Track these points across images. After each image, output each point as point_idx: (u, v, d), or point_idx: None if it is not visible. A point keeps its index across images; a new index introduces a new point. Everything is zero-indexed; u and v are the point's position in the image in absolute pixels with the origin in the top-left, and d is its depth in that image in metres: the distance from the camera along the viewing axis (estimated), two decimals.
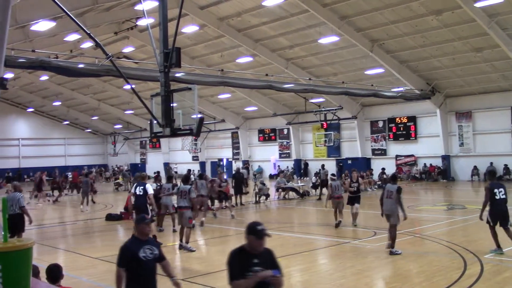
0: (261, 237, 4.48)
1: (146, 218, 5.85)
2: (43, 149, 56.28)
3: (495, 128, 31.60)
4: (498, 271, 9.27)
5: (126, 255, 5.44)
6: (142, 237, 5.58)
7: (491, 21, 23.38)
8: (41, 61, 17.46)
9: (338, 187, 15.44)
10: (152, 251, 5.51)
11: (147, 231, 5.64)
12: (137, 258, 5.39)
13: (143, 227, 5.63)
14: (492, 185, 10.93)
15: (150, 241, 5.66)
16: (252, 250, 4.49)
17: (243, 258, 4.45)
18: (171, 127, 11.16)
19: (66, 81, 42.78)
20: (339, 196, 15.29)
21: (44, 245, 13.64)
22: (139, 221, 5.76)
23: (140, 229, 5.63)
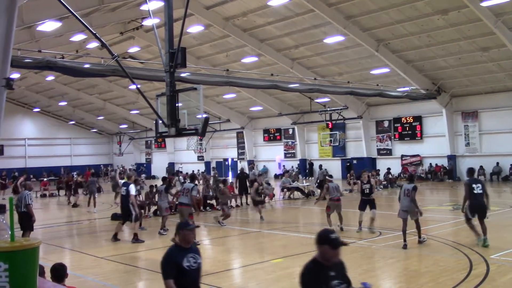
0: (337, 246, 4.04)
1: (189, 224, 5.27)
2: (49, 149, 56.51)
3: (501, 128, 31.45)
4: (504, 271, 9.23)
5: (170, 266, 5.00)
6: (185, 244, 5.11)
7: (497, 20, 23.27)
8: (47, 61, 17.53)
9: (335, 189, 14.57)
10: (196, 259, 5.11)
11: (190, 238, 5.15)
12: (181, 268, 4.97)
13: (186, 233, 5.12)
14: (470, 181, 12.01)
15: (193, 248, 5.20)
16: (326, 261, 4.04)
17: (319, 272, 4.02)
18: (176, 127, 11.18)
19: (72, 81, 42.94)
20: (337, 198, 14.49)
21: (50, 244, 13.70)
22: (182, 227, 5.21)
23: (183, 236, 5.12)
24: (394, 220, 16.84)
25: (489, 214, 17.08)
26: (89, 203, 23.34)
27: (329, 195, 14.62)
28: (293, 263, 10.71)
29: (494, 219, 16.19)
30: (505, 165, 31.67)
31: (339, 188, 14.85)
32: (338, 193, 14.62)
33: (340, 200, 14.61)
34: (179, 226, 5.24)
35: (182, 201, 13.18)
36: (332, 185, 14.64)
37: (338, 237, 4.05)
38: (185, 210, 12.95)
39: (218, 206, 21.67)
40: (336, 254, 4.03)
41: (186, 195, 13.14)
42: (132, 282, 9.88)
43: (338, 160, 40.42)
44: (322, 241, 4.03)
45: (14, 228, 2.82)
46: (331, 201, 14.42)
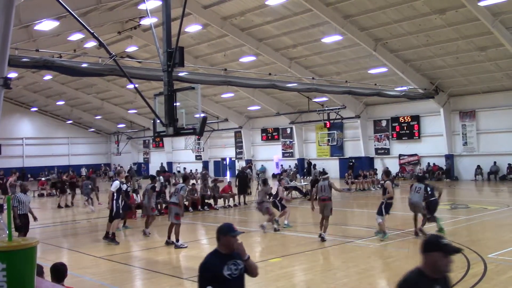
0: (451, 253, 3.40)
1: (234, 229, 4.59)
2: (47, 148, 56.47)
3: (499, 128, 31.51)
4: (502, 270, 9.25)
5: (209, 274, 4.46)
6: (226, 250, 4.53)
7: (495, 20, 23.31)
8: (45, 61, 17.51)
9: (324, 188, 13.19)
10: (237, 266, 4.54)
11: (233, 244, 4.53)
12: (221, 277, 4.43)
13: (229, 239, 4.52)
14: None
15: (234, 254, 4.56)
16: (434, 273, 3.41)
17: (423, 286, 3.41)
18: (174, 127, 11.19)
19: (69, 81, 42.90)
20: (324, 198, 13.09)
21: (48, 244, 13.68)
22: (224, 231, 4.56)
23: (226, 241, 4.52)
24: (392, 220, 16.88)
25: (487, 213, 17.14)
26: (89, 202, 23.43)
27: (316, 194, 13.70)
28: (291, 262, 10.72)
29: (492, 219, 16.23)
30: (502, 165, 31.72)
31: (327, 187, 13.20)
32: (325, 193, 13.11)
33: (327, 200, 13.06)
34: (222, 230, 4.57)
35: (172, 200, 13.27)
36: (321, 184, 13.38)
37: (450, 243, 3.46)
38: (172, 209, 13.01)
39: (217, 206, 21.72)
40: (449, 263, 3.41)
41: (175, 195, 13.26)
42: (129, 281, 9.88)
43: (336, 160, 40.45)
44: (431, 247, 3.42)
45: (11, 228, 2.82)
46: (319, 201, 13.22)
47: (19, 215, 12.03)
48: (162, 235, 14.82)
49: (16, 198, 12.23)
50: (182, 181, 13.77)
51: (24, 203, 12.23)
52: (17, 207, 12.06)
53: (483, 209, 18.36)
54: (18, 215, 11.98)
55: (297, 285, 9.25)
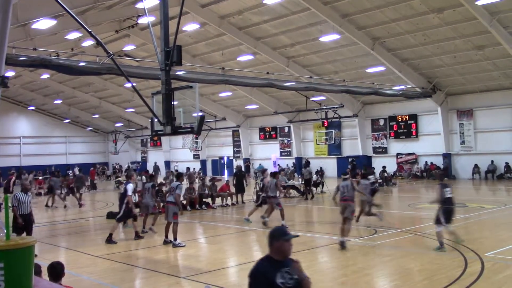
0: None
1: (287, 232, 4.22)
2: (44, 147, 56.37)
3: (496, 126, 31.58)
4: (499, 269, 9.27)
5: (260, 282, 4.11)
6: (279, 257, 4.16)
7: (492, 19, 23.33)
8: (42, 60, 17.48)
9: (346, 188, 12.35)
10: (292, 275, 4.12)
11: (288, 249, 4.18)
12: (274, 285, 4.03)
13: (282, 244, 4.15)
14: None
15: (287, 262, 4.18)
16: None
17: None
18: (172, 125, 11.18)
19: (67, 80, 42.81)
20: (345, 198, 12.28)
21: (45, 243, 13.67)
22: (277, 235, 4.19)
23: (279, 246, 4.15)
24: (390, 218, 16.90)
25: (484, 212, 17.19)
26: (77, 198, 24.20)
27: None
28: None
29: (489, 217, 16.27)
30: (499, 163, 31.79)
31: (350, 187, 12.42)
32: (347, 193, 12.28)
33: (348, 201, 12.24)
34: (274, 235, 4.19)
35: (168, 199, 13.20)
36: (343, 184, 12.54)
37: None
38: (170, 209, 12.93)
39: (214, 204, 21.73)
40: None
41: (171, 194, 13.14)
42: (128, 280, 9.87)
43: (334, 159, 40.48)
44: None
45: (9, 227, 2.81)
46: (340, 201, 12.45)
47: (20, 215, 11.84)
48: (160, 234, 14.83)
49: (15, 198, 11.98)
50: (176, 180, 13.71)
51: (25, 203, 12.03)
52: (16, 207, 11.83)
53: (481, 208, 18.40)
54: (19, 215, 11.76)
55: None
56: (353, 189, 12.50)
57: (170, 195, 13.23)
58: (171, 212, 12.86)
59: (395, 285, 8.90)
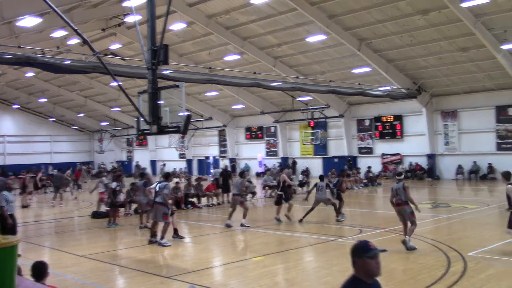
0: None
1: (371, 247, 3.49)
2: (29, 146, 55.79)
3: (479, 127, 31.95)
4: (481, 268, 9.39)
5: None
6: (365, 277, 3.52)
7: (477, 21, 23.60)
8: (27, 57, 17.30)
9: (398, 191, 11.54)
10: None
11: (374, 268, 3.47)
12: None
13: (366, 262, 3.45)
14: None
15: (375, 283, 3.59)
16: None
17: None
18: (158, 125, 11.17)
19: (52, 78, 42.39)
20: (399, 202, 11.57)
21: (29, 242, 13.55)
22: (360, 252, 3.50)
23: (363, 265, 3.47)
24: (374, 218, 17.04)
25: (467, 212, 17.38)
26: (55, 197, 24.31)
27: None
28: (274, 261, 10.77)
29: (472, 217, 16.47)
30: (483, 164, 32.14)
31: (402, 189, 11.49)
32: (400, 196, 11.55)
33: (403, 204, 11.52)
34: (356, 251, 3.54)
35: (157, 199, 12.96)
36: (395, 186, 11.71)
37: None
38: (159, 209, 12.79)
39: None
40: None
41: (159, 194, 12.97)
42: (112, 280, 9.83)
43: (320, 159, 40.64)
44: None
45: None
46: (395, 206, 11.85)
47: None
48: (146, 234, 14.77)
49: (3, 197, 11.68)
50: (163, 179, 13.62)
51: (12, 202, 11.92)
52: (5, 207, 11.62)
53: (464, 208, 18.61)
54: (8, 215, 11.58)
55: (279, 283, 9.29)
56: (406, 192, 11.44)
57: (158, 196, 13.05)
58: (161, 212, 12.74)
59: None
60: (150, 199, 16.72)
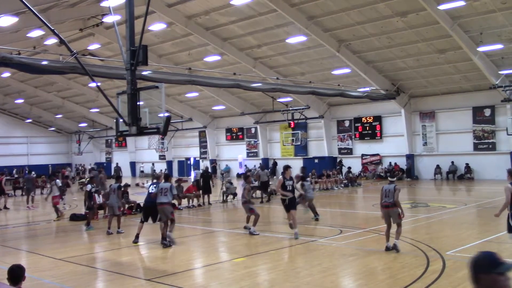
0: None
1: (500, 260, 2.83)
2: (5, 147, 54.82)
3: (457, 128, 32.45)
4: (460, 267, 9.51)
5: None
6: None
7: (454, 24, 23.96)
8: (3, 57, 17.00)
9: (389, 192, 11.20)
10: None
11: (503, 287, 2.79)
12: None
13: (494, 280, 2.77)
14: None
15: None
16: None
17: None
18: (137, 126, 11.05)
19: (29, 78, 41.75)
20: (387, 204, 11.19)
21: (5, 246, 13.30)
22: (484, 266, 2.81)
23: (493, 283, 2.77)
24: (355, 218, 17.16)
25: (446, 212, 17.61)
26: (28, 201, 23.94)
27: None
28: (254, 262, 10.75)
29: (450, 217, 16.69)
30: (460, 164, 32.62)
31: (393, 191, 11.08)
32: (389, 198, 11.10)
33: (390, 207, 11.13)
34: (481, 266, 2.83)
35: (162, 200, 12.94)
36: (386, 187, 11.33)
37: None
38: (166, 209, 12.87)
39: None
40: None
41: (165, 195, 12.98)
42: (91, 284, 9.70)
43: (300, 159, 40.75)
44: None
45: None
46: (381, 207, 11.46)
47: None
48: (125, 236, 14.63)
49: None
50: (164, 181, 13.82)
51: None
52: None
53: (442, 207, 18.85)
54: None
55: (260, 284, 9.27)
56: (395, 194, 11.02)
57: (162, 196, 12.98)
58: (168, 211, 12.89)
59: (359, 284, 9.02)
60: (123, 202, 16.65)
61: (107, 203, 16.32)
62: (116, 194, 15.47)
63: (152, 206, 13.33)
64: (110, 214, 15.55)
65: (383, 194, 11.20)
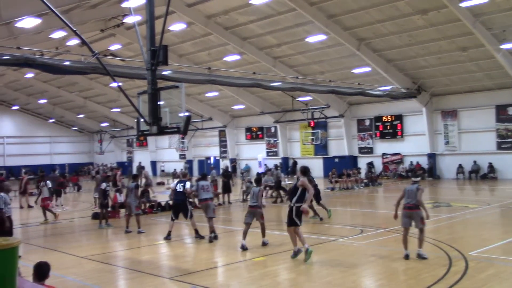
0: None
1: None
2: (28, 147, 55.79)
3: (480, 127, 31.96)
4: (482, 268, 9.38)
5: None
6: None
7: (476, 21, 23.61)
8: (26, 59, 17.28)
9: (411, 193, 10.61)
10: None
11: None
12: None
13: None
14: None
15: None
16: None
17: None
18: (158, 125, 11.14)
19: (51, 79, 42.38)
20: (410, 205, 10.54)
21: (29, 244, 13.53)
22: None
23: None
24: (375, 218, 17.03)
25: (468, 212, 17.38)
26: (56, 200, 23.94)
27: None
28: (274, 261, 10.75)
29: (473, 217, 16.46)
30: (483, 163, 32.14)
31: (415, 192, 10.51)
32: (411, 199, 10.54)
33: (413, 209, 10.50)
34: None
35: (206, 196, 13.71)
36: (408, 188, 10.76)
37: None
38: (210, 205, 13.65)
39: None
40: None
41: (207, 191, 13.77)
42: (112, 282, 9.81)
43: (320, 159, 40.63)
44: None
45: None
46: (403, 209, 10.67)
47: None
48: (146, 234, 14.78)
49: (2, 199, 11.72)
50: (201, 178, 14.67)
51: (10, 204, 11.93)
52: (3, 209, 11.65)
53: (465, 207, 18.60)
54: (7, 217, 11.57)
55: (281, 283, 9.27)
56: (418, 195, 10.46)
57: (205, 192, 13.73)
58: (212, 206, 13.78)
59: (380, 284, 8.95)
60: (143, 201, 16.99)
61: (126, 203, 16.55)
62: (133, 194, 15.61)
63: (181, 204, 13.79)
64: (128, 213, 15.77)
65: (405, 195, 10.67)
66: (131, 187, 15.81)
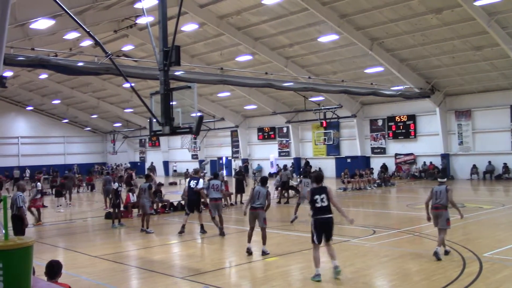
0: None
1: None
2: (43, 147, 56.35)
3: (494, 127, 31.63)
4: (497, 269, 9.28)
5: None
6: None
7: (490, 20, 23.37)
8: (40, 59, 17.45)
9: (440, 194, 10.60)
10: None
11: None
12: None
13: None
14: None
15: None
16: None
17: None
18: (170, 126, 11.18)
19: (65, 80, 42.77)
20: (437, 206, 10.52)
21: (43, 243, 13.65)
22: None
23: None
24: (388, 219, 16.93)
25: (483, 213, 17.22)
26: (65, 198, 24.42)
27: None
28: (287, 261, 10.74)
29: (487, 218, 16.30)
30: (497, 164, 31.82)
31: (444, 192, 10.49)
32: (439, 200, 10.48)
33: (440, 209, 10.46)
34: None
35: (216, 196, 14.23)
36: (437, 189, 10.70)
37: None
38: (219, 205, 14.30)
39: None
40: None
41: (217, 191, 14.25)
42: (125, 281, 9.86)
43: (333, 159, 40.50)
44: None
45: (8, 227, 2.81)
46: (431, 209, 10.65)
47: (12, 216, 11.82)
48: (158, 234, 14.85)
49: (21, 198, 12.03)
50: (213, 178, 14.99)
51: (26, 203, 12.13)
52: (22, 207, 11.91)
53: (479, 208, 18.43)
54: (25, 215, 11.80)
55: (292, 284, 9.25)
56: (448, 195, 10.42)
57: (215, 192, 14.26)
58: (221, 206, 14.51)
59: (393, 285, 8.90)
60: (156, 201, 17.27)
61: (139, 203, 16.68)
62: (146, 194, 15.72)
63: (196, 199, 14.58)
64: (141, 213, 16.01)
65: (433, 195, 10.54)
66: (144, 187, 15.91)
